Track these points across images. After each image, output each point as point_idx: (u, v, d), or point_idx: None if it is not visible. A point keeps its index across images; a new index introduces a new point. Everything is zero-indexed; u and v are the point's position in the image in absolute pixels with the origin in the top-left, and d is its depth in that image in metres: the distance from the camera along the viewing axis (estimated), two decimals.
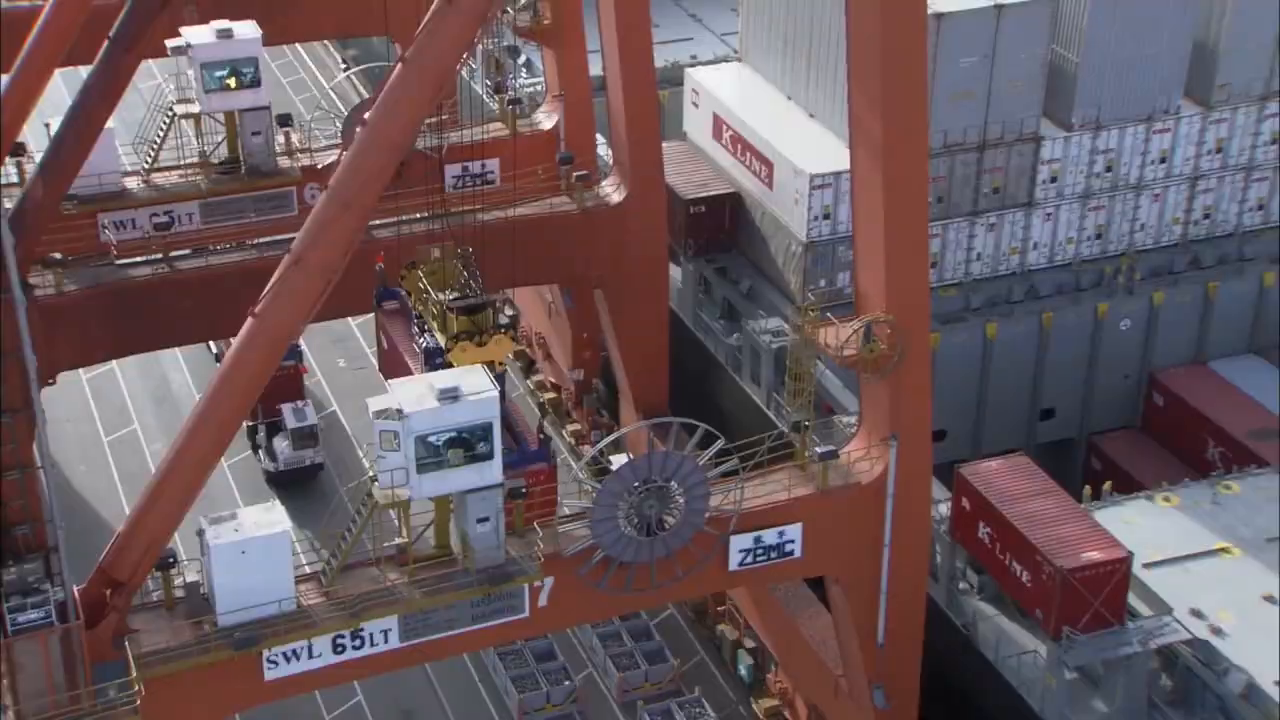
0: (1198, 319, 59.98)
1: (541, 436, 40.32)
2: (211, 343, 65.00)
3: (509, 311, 70.43)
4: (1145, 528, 46.25)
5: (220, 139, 56.97)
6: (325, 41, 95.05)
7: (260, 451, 63.05)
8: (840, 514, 42.01)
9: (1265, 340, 60.81)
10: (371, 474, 38.34)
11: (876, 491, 41.86)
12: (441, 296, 41.65)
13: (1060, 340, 58.87)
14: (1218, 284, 59.51)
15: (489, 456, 37.77)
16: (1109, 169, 57.61)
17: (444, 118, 57.08)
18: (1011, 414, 59.89)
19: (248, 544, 36.95)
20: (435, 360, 42.42)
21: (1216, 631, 42.50)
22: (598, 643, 53.24)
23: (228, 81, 55.17)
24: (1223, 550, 45.49)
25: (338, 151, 55.18)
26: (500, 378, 41.01)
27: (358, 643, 38.54)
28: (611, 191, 55.31)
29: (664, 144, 56.83)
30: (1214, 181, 59.10)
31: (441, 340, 41.64)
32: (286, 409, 62.04)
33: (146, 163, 56.24)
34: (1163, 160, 58.06)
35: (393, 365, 46.84)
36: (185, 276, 51.53)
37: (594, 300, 58.28)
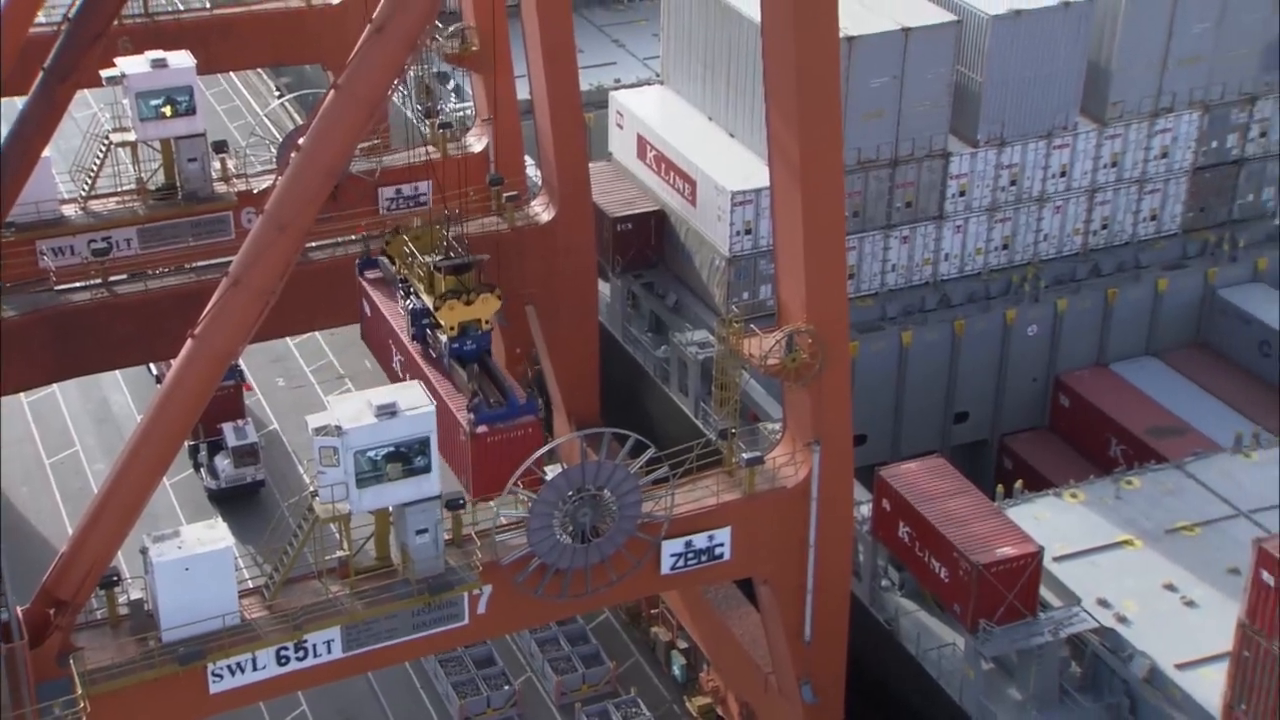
0: (1099, 324, 60.91)
1: (529, 391, 40.20)
2: (152, 364, 64.02)
3: None
4: (1054, 523, 46.83)
5: (157, 166, 56.17)
6: (259, 70, 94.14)
7: (202, 470, 62.15)
8: (767, 517, 42.13)
9: (1161, 342, 61.92)
10: (312, 489, 37.94)
11: (801, 495, 42.03)
12: (427, 259, 41.43)
13: (972, 346, 59.53)
14: (1116, 290, 60.49)
15: (426, 470, 37.50)
16: (1013, 183, 58.40)
17: (377, 142, 56.86)
18: (927, 418, 60.46)
19: (191, 560, 36.39)
20: (421, 321, 42.29)
21: (1121, 619, 43.12)
22: (536, 648, 52.99)
23: (163, 110, 54.40)
24: (1126, 542, 46.17)
25: (273, 177, 54.59)
26: (486, 335, 40.88)
27: (301, 654, 38.05)
28: (541, 211, 55.20)
29: (591, 164, 56.82)
30: (1110, 194, 60.09)
31: (428, 301, 41.45)
32: (227, 428, 61.30)
33: (84, 190, 55.31)
34: (1063, 174, 58.95)
35: (375, 332, 46.48)
36: (124, 300, 50.77)
37: (526, 316, 58.08)
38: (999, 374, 60.62)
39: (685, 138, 58.94)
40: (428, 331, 42.82)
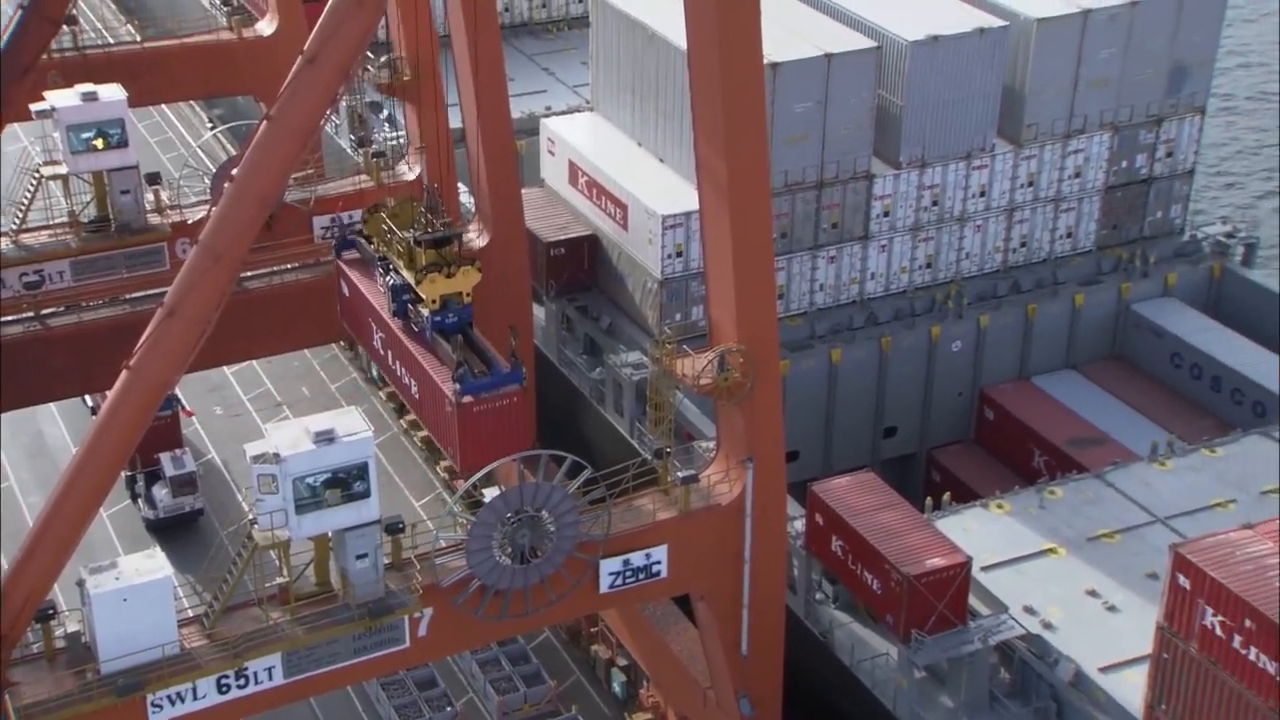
0: (1020, 339, 61.77)
1: (514, 359, 39.95)
2: (87, 396, 62.93)
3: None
4: (981, 534, 47.33)
5: (89, 199, 55.34)
6: (191, 102, 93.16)
7: (139, 500, 61.12)
8: (703, 534, 42.18)
9: (1080, 356, 62.92)
10: (251, 517, 37.44)
11: (736, 511, 42.14)
12: (407, 234, 41.19)
13: (899, 363, 60.12)
14: (1036, 306, 61.39)
15: (366, 494, 37.19)
16: (935, 203, 59.15)
17: (311, 171, 56.45)
18: (857, 433, 60.91)
19: (129, 591, 35.75)
20: (402, 297, 41.95)
21: (1047, 626, 43.64)
22: (477, 668, 52.59)
23: (95, 143, 53.61)
24: (1050, 551, 46.75)
25: (207, 207, 54.01)
26: (468, 308, 40.77)
27: (242, 682, 37.48)
28: (475, 237, 55.02)
29: (523, 191, 56.79)
30: (1028, 213, 61.03)
31: (408, 276, 41.12)
32: (165, 457, 60.40)
33: (14, 224, 54.35)
34: (982, 194, 59.81)
35: (353, 312, 45.95)
36: (58, 333, 49.94)
37: None
38: (925, 389, 61.27)
39: (616, 163, 59.12)
40: (409, 307, 42.39)
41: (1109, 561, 46.00)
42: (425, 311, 41.11)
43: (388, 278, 42.53)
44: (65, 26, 59.43)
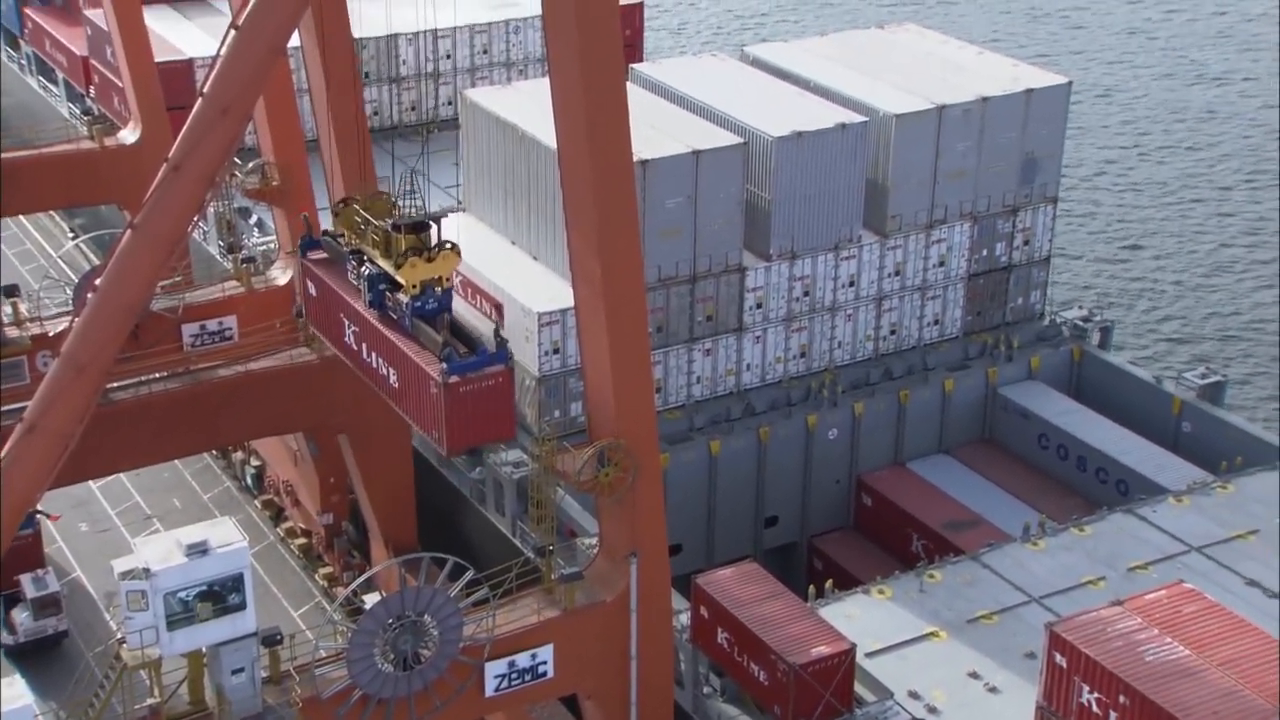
0: (894, 425, 63.00)
1: (498, 339, 39.24)
2: None
3: (255, 462, 68.28)
4: (865, 620, 47.70)
5: None
6: (51, 212, 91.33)
7: None
8: (588, 632, 41.86)
9: (952, 440, 64.38)
10: (119, 636, 36.16)
11: (621, 607, 41.94)
12: (382, 223, 40.86)
13: (777, 452, 60.82)
14: (908, 392, 62.82)
15: (241, 606, 36.25)
16: (806, 294, 60.41)
17: (179, 279, 55.65)
18: (739, 524, 61.26)
19: None
20: (379, 286, 41.37)
21: (932, 710, 43.96)
22: None
23: None
24: (932, 634, 47.27)
25: (69, 319, 52.80)
26: (448, 292, 40.46)
27: None
28: None
29: None
30: (896, 301, 62.62)
31: (385, 265, 40.62)
32: (25, 579, 58.03)
33: None
34: (851, 284, 61.26)
35: (321, 311, 45.12)
36: None
37: (339, 445, 57.04)
38: (804, 477, 61.98)
39: (490, 262, 59.31)
40: (386, 296, 41.85)
41: (989, 642, 46.69)
42: (404, 298, 40.70)
43: (363, 269, 42.05)
44: None
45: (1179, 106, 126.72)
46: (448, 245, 40.67)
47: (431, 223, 41.14)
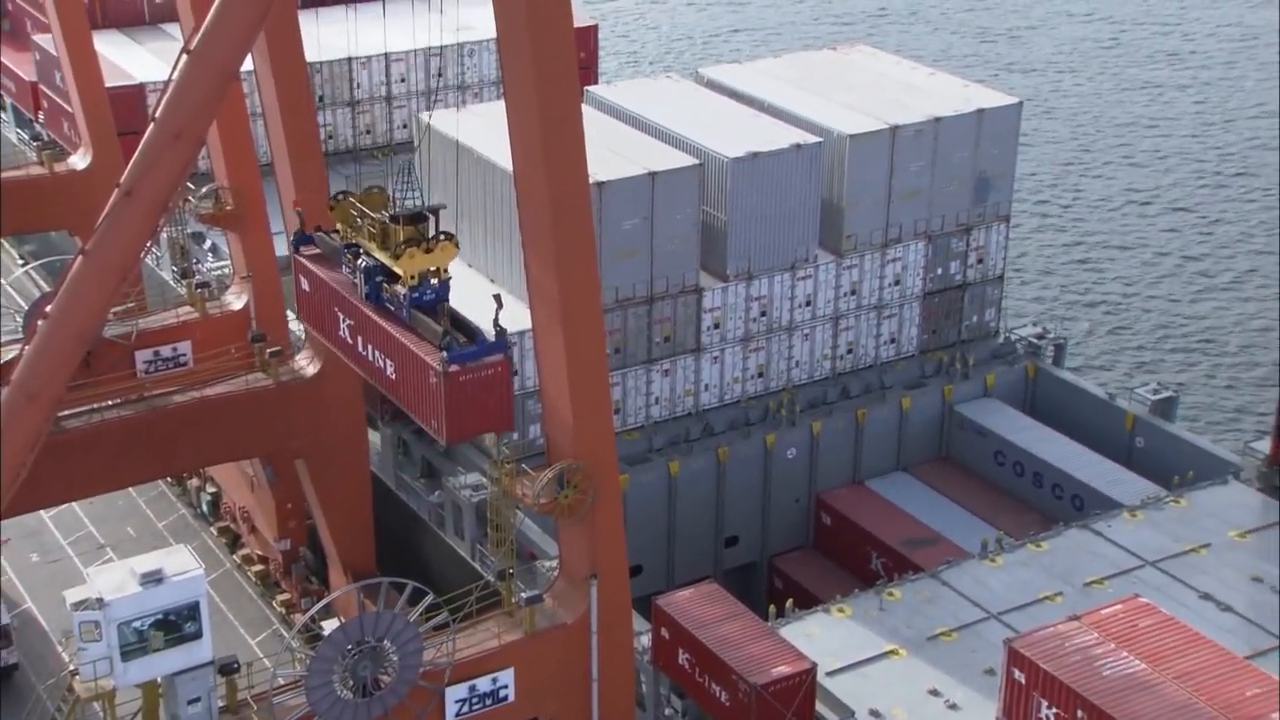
0: (852, 443, 63.30)
1: (497, 328, 38.92)
2: None
3: (210, 489, 67.68)
4: (825, 638, 47.78)
5: None
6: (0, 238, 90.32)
7: None
8: (549, 655, 41.73)
9: (910, 458, 64.76)
10: (72, 667, 35.67)
11: (581, 630, 41.85)
12: (379, 215, 40.59)
13: (736, 472, 60.95)
14: (866, 411, 63.17)
15: (198, 635, 35.87)
16: (764, 314, 60.69)
17: (132, 305, 55.16)
18: (699, 544, 61.30)
19: None
20: (375, 278, 41.15)
21: None
22: None
23: None
24: (892, 652, 47.42)
25: (19, 346, 52.19)
26: (446, 283, 40.26)
27: None
28: (306, 365, 54.28)
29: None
30: (853, 320, 62.98)
31: (382, 257, 40.51)
32: None
33: None
34: (808, 303, 61.62)
35: (315, 306, 44.59)
36: None
37: (296, 470, 56.64)
38: (764, 497, 62.14)
39: None
40: (383, 288, 41.58)
41: (948, 659, 46.89)
42: (402, 290, 40.58)
43: (359, 261, 41.90)
44: None
45: (1125, 121, 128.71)
46: (445, 236, 40.68)
47: (429, 214, 41.13)
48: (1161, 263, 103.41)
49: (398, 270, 40.30)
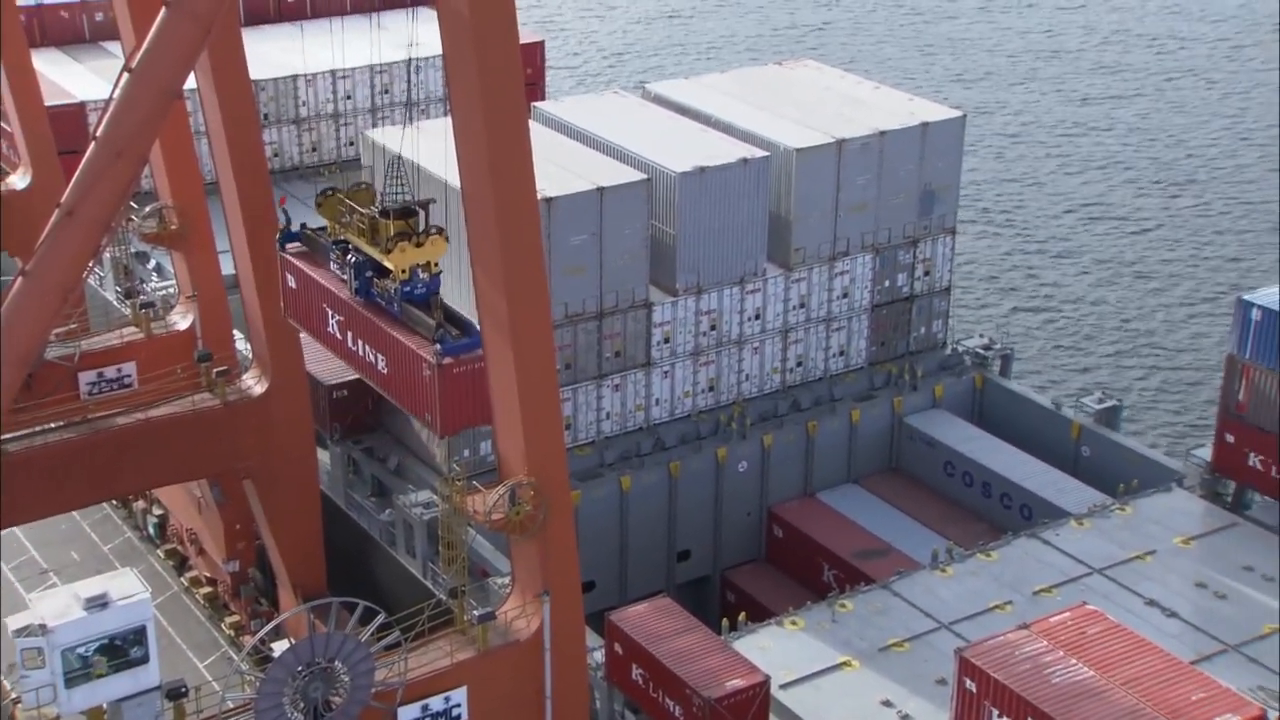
0: (803, 456, 63.55)
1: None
2: None
3: (157, 511, 66.83)
4: (778, 651, 47.88)
5: None
6: None
7: None
8: (502, 673, 41.49)
9: (860, 470, 65.09)
10: (14, 695, 35.06)
11: (534, 647, 41.66)
12: (368, 210, 40.53)
13: (688, 486, 61.00)
14: (816, 423, 63.43)
15: (144, 660, 35.37)
16: (713, 328, 60.84)
17: (74, 326, 54.44)
18: (652, 559, 61.27)
19: None
20: (365, 273, 40.99)
21: None
22: None
23: None
24: (845, 664, 47.59)
25: None
26: (436, 277, 40.23)
27: None
28: (254, 384, 53.79)
29: (302, 334, 55.94)
30: (802, 333, 63.27)
31: (372, 252, 40.42)
32: None
33: None
34: (757, 317, 61.84)
35: (303, 303, 44.28)
36: None
37: (244, 491, 56.07)
38: (715, 511, 62.22)
39: None
40: (373, 283, 41.40)
41: (900, 670, 47.12)
42: (392, 285, 40.47)
43: (349, 257, 41.69)
44: None
45: (1068, 131, 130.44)
46: (435, 230, 40.56)
47: (419, 208, 40.98)
48: (1097, 270, 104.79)
49: (388, 265, 40.27)
